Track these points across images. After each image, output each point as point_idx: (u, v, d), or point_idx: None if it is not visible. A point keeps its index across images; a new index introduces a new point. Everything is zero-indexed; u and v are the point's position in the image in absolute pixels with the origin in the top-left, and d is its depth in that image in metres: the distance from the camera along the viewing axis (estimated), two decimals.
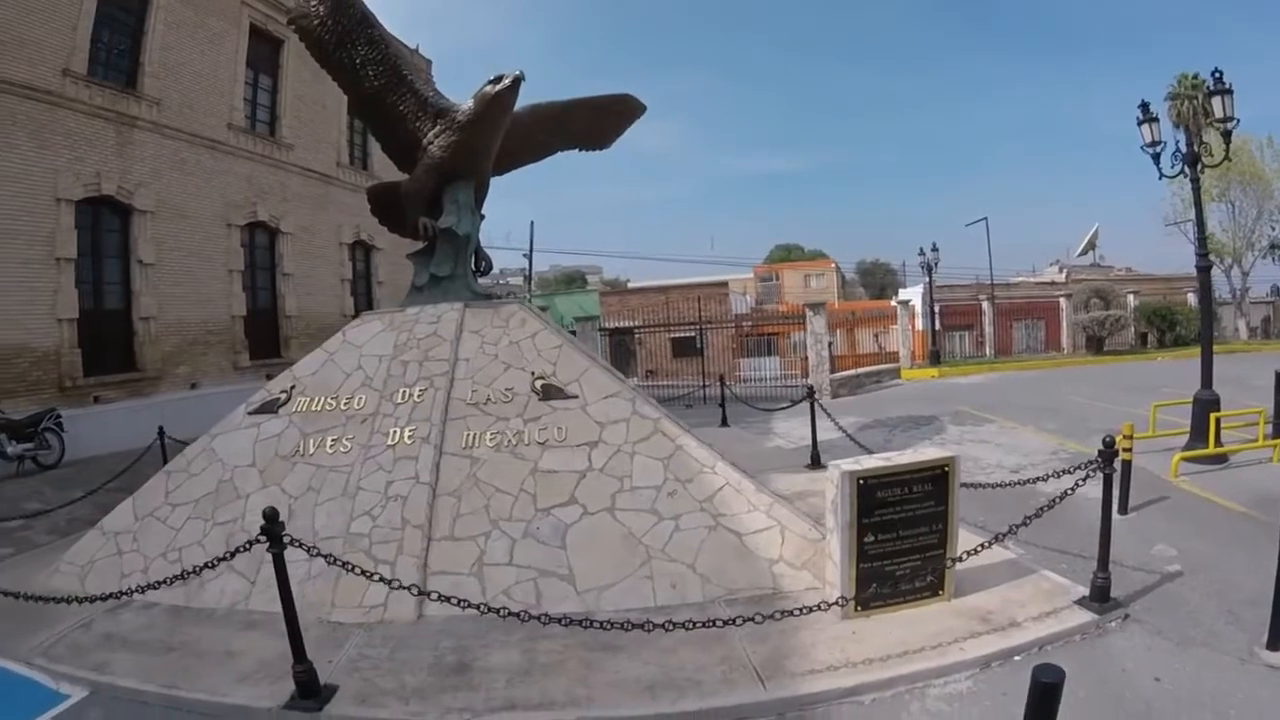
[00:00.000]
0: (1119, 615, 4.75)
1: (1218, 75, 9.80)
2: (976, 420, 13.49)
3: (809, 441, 11.95)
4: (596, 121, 9.17)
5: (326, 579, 5.24)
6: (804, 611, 4.43)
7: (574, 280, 52.25)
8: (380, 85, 7.77)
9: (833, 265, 41.76)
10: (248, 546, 4.23)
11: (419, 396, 6.45)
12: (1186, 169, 10.41)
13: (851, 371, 20.73)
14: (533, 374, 6.61)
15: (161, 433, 10.19)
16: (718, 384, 15.12)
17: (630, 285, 37.70)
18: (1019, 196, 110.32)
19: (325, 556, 4.35)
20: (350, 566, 4.35)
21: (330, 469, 6.13)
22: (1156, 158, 11.06)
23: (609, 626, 4.23)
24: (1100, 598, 4.82)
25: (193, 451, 6.93)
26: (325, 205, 19.75)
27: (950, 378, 21.51)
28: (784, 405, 14.35)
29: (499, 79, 7.32)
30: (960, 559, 4.91)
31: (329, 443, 6.33)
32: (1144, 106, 10.86)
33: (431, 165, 7.77)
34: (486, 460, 5.98)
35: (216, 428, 7.06)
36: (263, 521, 5.94)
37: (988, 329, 26.31)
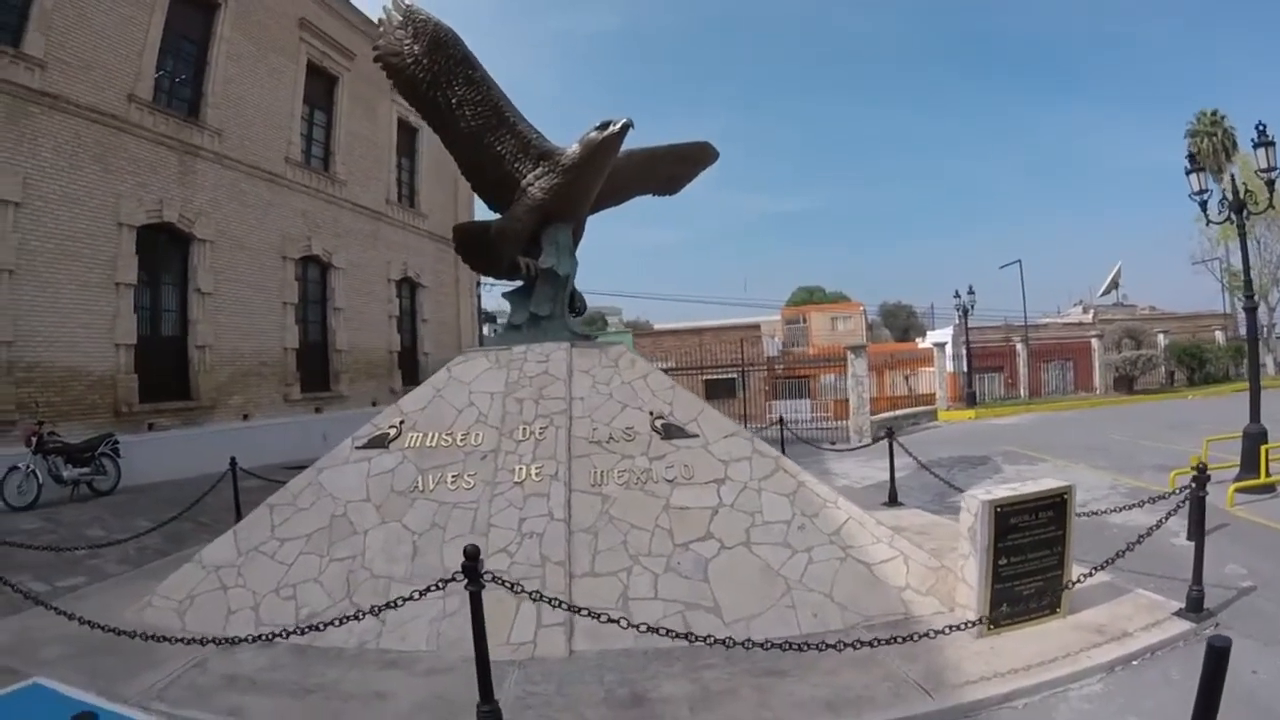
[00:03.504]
0: (1212, 623, 5.30)
1: (1261, 128, 10.08)
2: (1030, 460, 13.55)
3: (872, 481, 12.00)
4: (677, 168, 9.20)
5: (465, 615, 5.12)
6: (949, 630, 4.74)
7: (594, 322, 52.26)
8: (478, 125, 7.72)
9: (860, 308, 41.97)
10: (440, 586, 4.15)
11: (540, 434, 6.45)
12: (1233, 215, 10.64)
13: (890, 413, 20.73)
14: (651, 413, 6.64)
15: (234, 464, 10.08)
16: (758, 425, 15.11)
17: (656, 327, 37.79)
18: (1038, 237, 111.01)
19: (530, 594, 4.38)
20: (557, 602, 4.35)
21: (454, 505, 6.09)
22: (1204, 205, 11.28)
23: (751, 645, 4.34)
24: (1195, 608, 5.38)
25: (297, 485, 6.84)
26: (375, 242, 19.98)
27: (987, 419, 21.52)
28: (862, 444, 14.36)
29: (606, 125, 7.26)
30: (1082, 579, 5.35)
31: (450, 479, 6.29)
32: (1191, 157, 11.07)
33: (533, 206, 7.72)
34: (617, 498, 6.00)
35: (322, 461, 6.99)
36: (382, 559, 6.08)
37: (1021, 370, 26.31)
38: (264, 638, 4.92)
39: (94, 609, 5.96)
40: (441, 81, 7.63)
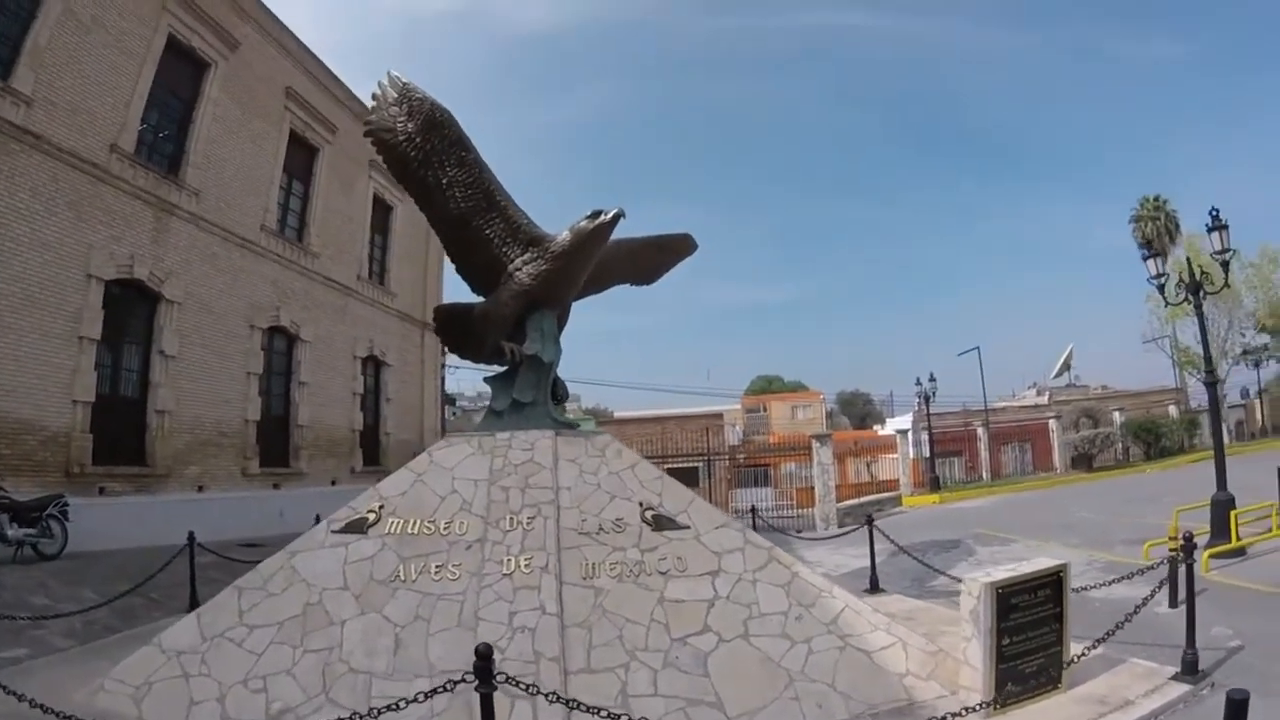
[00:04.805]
0: (1208, 683, 5.56)
1: (1214, 213, 10.83)
2: (1002, 541, 13.73)
3: (848, 568, 12.02)
4: (658, 258, 9.31)
5: (453, 715, 4.93)
6: (965, 713, 4.75)
7: None
8: (467, 208, 7.69)
9: (820, 396, 42.82)
10: (450, 686, 3.94)
11: (528, 524, 6.32)
12: (1190, 296, 11.34)
13: (856, 500, 20.97)
14: (640, 504, 6.59)
15: (192, 539, 9.65)
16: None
17: (616, 415, 37.71)
18: (988, 322, 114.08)
19: (547, 695, 4.17)
20: (574, 703, 4.18)
21: (439, 597, 5.89)
22: (1161, 288, 11.94)
23: None
24: (1191, 670, 5.66)
25: (268, 568, 6.55)
26: (343, 317, 19.75)
27: (952, 503, 21.75)
28: (829, 534, 14.72)
29: (597, 214, 7.34)
30: (1087, 652, 5.58)
31: (433, 569, 6.09)
32: (1149, 243, 11.77)
33: (519, 291, 7.67)
34: (610, 591, 5.90)
35: (295, 544, 6.72)
36: (361, 651, 5.81)
37: (983, 453, 26.87)
38: None
39: (40, 687, 5.54)
40: (433, 161, 7.59)
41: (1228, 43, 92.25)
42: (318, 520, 9.21)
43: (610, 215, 7.30)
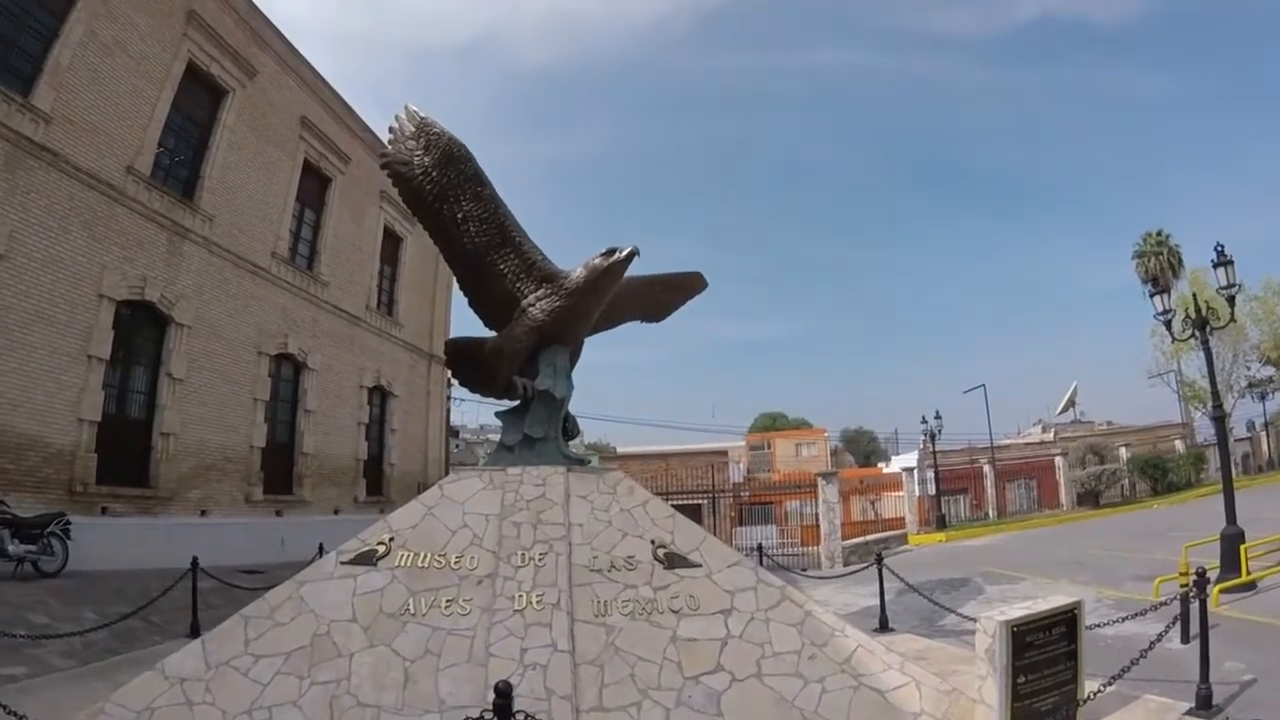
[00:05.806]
0: (1222, 718, 5.66)
1: (1220, 248, 10.94)
2: (1010, 579, 13.64)
3: (856, 607, 11.95)
4: (668, 295, 9.30)
5: None
6: None
7: None
8: (482, 242, 7.72)
9: (824, 434, 42.73)
10: None
11: (540, 560, 6.28)
12: (1197, 331, 11.52)
13: (862, 539, 20.85)
14: (652, 542, 6.54)
15: (195, 564, 9.58)
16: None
17: (619, 451, 37.64)
18: (991, 360, 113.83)
19: None
20: None
21: (449, 632, 5.82)
22: (1168, 324, 12.02)
23: None
24: (1205, 705, 5.73)
25: (276, 598, 6.48)
26: (351, 346, 19.82)
27: (959, 541, 21.59)
28: (836, 572, 14.76)
29: (612, 251, 7.35)
30: (1103, 689, 5.56)
31: (444, 603, 6.03)
32: (1153, 279, 11.92)
33: (533, 327, 7.66)
34: (622, 628, 5.84)
35: (303, 574, 6.65)
36: (369, 685, 5.73)
37: (989, 491, 26.73)
38: None
39: (40, 707, 5.62)
40: (449, 195, 7.63)
41: (1220, 79, 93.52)
42: (321, 549, 9.16)
43: (625, 253, 7.31)
